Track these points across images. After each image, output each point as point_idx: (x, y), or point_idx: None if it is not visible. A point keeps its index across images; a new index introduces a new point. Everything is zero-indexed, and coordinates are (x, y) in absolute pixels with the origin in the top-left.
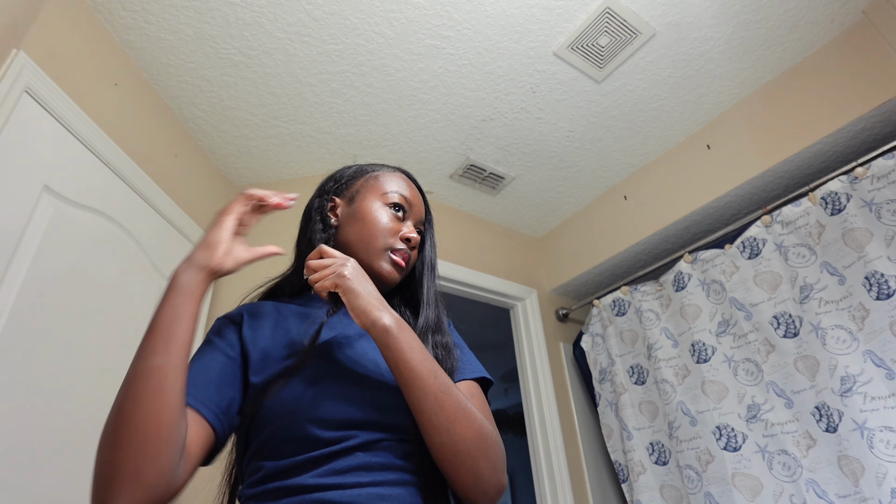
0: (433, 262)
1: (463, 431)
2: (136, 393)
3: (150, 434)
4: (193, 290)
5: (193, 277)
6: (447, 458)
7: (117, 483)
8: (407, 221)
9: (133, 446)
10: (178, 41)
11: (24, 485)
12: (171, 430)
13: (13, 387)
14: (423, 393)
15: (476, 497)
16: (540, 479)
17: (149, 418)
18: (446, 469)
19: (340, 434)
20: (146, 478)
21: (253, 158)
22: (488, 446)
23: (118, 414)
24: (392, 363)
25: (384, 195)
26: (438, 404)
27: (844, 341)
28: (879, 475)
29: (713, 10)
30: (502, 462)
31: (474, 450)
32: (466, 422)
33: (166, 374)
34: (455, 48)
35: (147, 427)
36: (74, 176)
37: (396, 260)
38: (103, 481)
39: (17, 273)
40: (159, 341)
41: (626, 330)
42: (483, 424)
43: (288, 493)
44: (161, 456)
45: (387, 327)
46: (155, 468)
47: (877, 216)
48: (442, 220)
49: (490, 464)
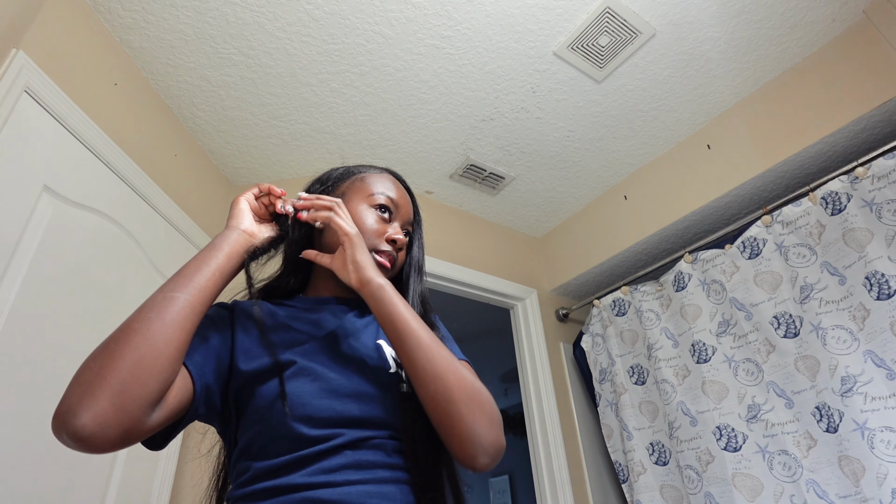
0: (420, 262)
1: (457, 381)
2: (148, 317)
3: (147, 357)
4: (224, 247)
5: (228, 236)
6: (442, 408)
7: (96, 394)
8: (393, 223)
9: (128, 363)
10: (178, 41)
11: (24, 485)
12: (167, 363)
13: (13, 387)
14: (417, 343)
15: (474, 452)
16: (540, 479)
17: (152, 341)
18: (442, 421)
19: (328, 432)
20: (126, 399)
21: (253, 158)
22: (483, 399)
23: (123, 330)
24: (386, 317)
25: (370, 196)
26: (432, 353)
27: (845, 341)
28: (880, 475)
29: (713, 9)
30: (499, 419)
31: (469, 399)
32: (460, 373)
33: (182, 309)
34: (455, 48)
35: (147, 349)
36: (74, 176)
37: (381, 261)
38: (79, 391)
39: (16, 273)
40: (182, 281)
41: (627, 330)
42: (476, 380)
43: (277, 493)
44: (149, 383)
45: (381, 285)
46: (138, 392)
47: (877, 216)
48: (442, 220)
49: (486, 417)
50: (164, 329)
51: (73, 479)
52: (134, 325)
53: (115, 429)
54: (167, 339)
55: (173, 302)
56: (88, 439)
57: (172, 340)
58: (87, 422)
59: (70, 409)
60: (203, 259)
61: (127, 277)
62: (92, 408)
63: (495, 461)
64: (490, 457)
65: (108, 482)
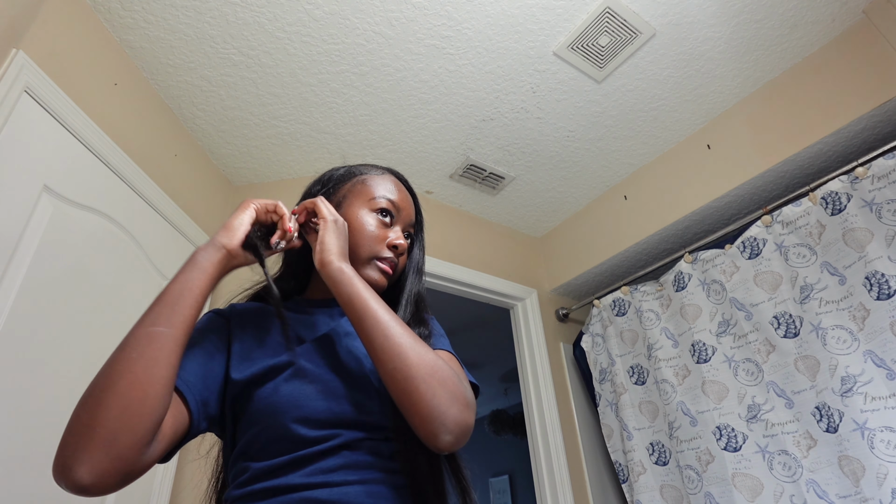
0: (420, 263)
1: (416, 357)
2: (130, 357)
3: (134, 402)
4: (208, 267)
5: (211, 255)
6: (400, 386)
7: (88, 447)
8: (395, 227)
9: (115, 411)
10: (178, 41)
11: (23, 485)
12: (156, 403)
13: (13, 387)
14: (375, 322)
15: (435, 430)
16: (540, 479)
17: (137, 385)
18: (401, 399)
19: (325, 433)
20: (119, 447)
21: (253, 158)
22: (445, 375)
23: (106, 375)
24: (346, 298)
25: (371, 201)
26: (389, 331)
27: (845, 341)
28: (880, 475)
29: (713, 10)
30: (463, 397)
31: (428, 376)
32: (420, 349)
33: (164, 344)
34: (455, 48)
35: (134, 394)
36: (74, 176)
37: (383, 268)
38: (73, 443)
39: (16, 273)
40: (164, 311)
41: (627, 330)
42: (438, 359)
43: (276, 493)
44: (139, 428)
45: (342, 268)
46: (130, 439)
47: (877, 216)
48: (442, 220)
49: (447, 392)
50: (149, 370)
51: None
52: (118, 368)
53: (113, 476)
54: (153, 380)
55: (157, 338)
56: (89, 489)
57: (159, 379)
58: (84, 475)
59: (66, 463)
60: (185, 282)
61: (127, 277)
62: (86, 461)
63: (460, 440)
64: (453, 434)
65: None
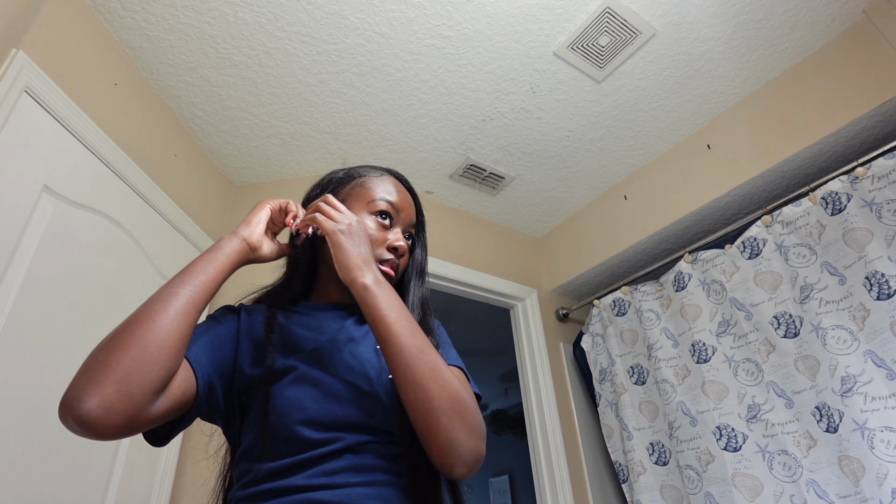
0: (423, 265)
1: (438, 390)
2: (153, 309)
3: (151, 346)
4: (230, 253)
5: (234, 244)
6: (421, 416)
7: (101, 380)
8: (394, 228)
9: (132, 350)
10: (178, 41)
11: (24, 485)
12: (171, 353)
13: (13, 387)
14: (399, 349)
15: (451, 462)
16: (540, 479)
17: (156, 332)
18: (421, 429)
19: (329, 436)
20: (130, 385)
21: (253, 158)
22: (465, 408)
23: (128, 322)
24: (370, 320)
25: (370, 203)
26: (414, 360)
27: (845, 341)
28: (880, 475)
29: (713, 10)
30: (480, 429)
31: (449, 409)
32: (443, 380)
33: (185, 303)
34: (455, 48)
35: (151, 338)
36: (74, 176)
37: (385, 270)
38: (86, 378)
39: (16, 273)
40: (187, 279)
41: (627, 330)
42: (460, 388)
43: (279, 494)
44: (153, 371)
45: (365, 285)
46: (142, 379)
47: (877, 216)
48: (442, 220)
49: (466, 427)
50: (167, 321)
51: (72, 479)
52: (139, 317)
53: (120, 414)
54: (170, 330)
55: (177, 297)
56: (93, 424)
57: (175, 331)
58: (93, 407)
59: (76, 394)
60: (207, 260)
61: (127, 277)
62: (97, 393)
63: (473, 471)
64: (468, 467)
65: (107, 482)
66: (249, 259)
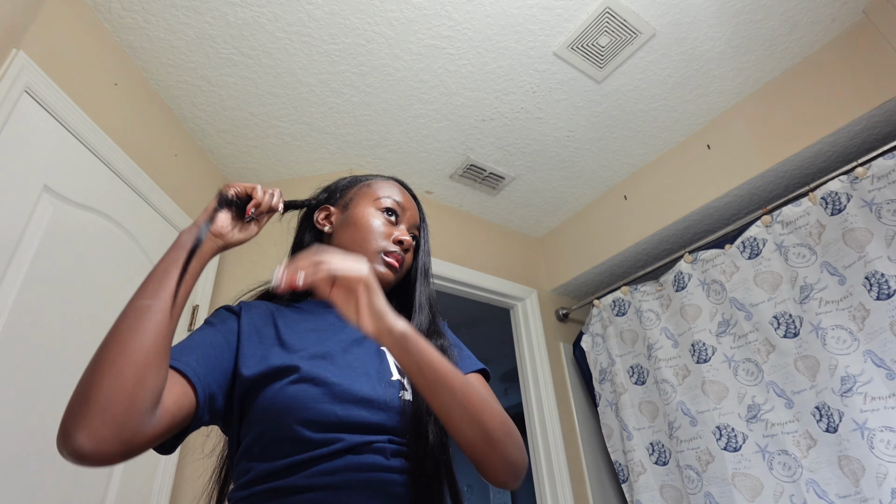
0: (427, 267)
1: (491, 421)
2: (121, 329)
3: (125, 368)
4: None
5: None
6: (481, 450)
7: (86, 413)
8: (400, 225)
9: (108, 378)
10: (178, 41)
11: (24, 485)
12: (147, 369)
13: (13, 387)
14: (451, 393)
15: (507, 479)
16: (540, 479)
17: (128, 353)
18: (479, 459)
19: (330, 436)
20: (114, 412)
21: (253, 158)
22: (512, 429)
23: (101, 349)
24: (414, 367)
25: (377, 200)
26: (467, 400)
27: (845, 341)
28: (880, 475)
29: (713, 10)
30: (522, 443)
31: (504, 436)
32: (491, 411)
33: (151, 315)
34: (455, 48)
35: (124, 362)
36: (74, 176)
37: (390, 261)
38: (73, 410)
39: (17, 273)
40: (150, 286)
41: (626, 330)
42: (504, 413)
43: (279, 495)
44: (134, 394)
45: (405, 332)
46: (125, 404)
47: (877, 216)
48: (442, 220)
49: (517, 446)
50: (139, 340)
51: (72, 480)
52: (112, 340)
53: (112, 442)
54: (145, 349)
55: (146, 311)
56: (89, 457)
57: (152, 349)
58: (84, 441)
59: (66, 431)
60: (169, 261)
61: (127, 277)
62: (84, 427)
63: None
64: (521, 479)
65: (107, 483)
66: (219, 248)
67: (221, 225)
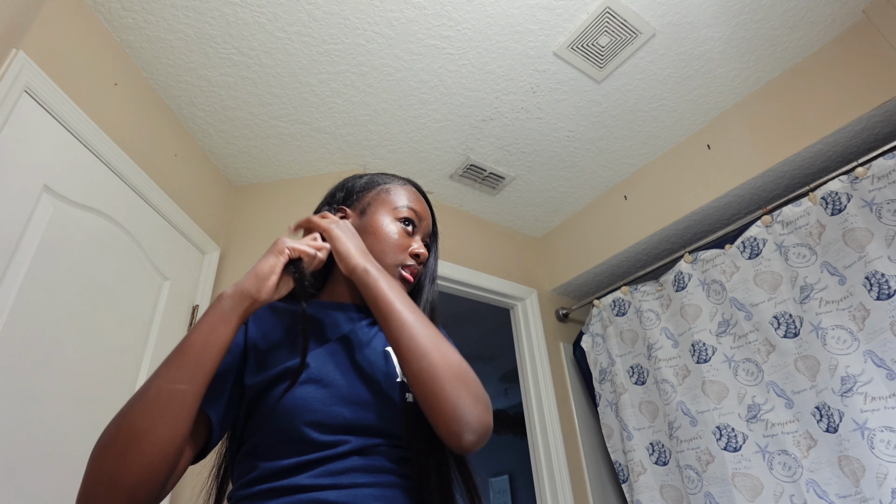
0: (434, 272)
1: (441, 359)
2: (153, 415)
3: (155, 460)
4: (233, 318)
5: (237, 304)
6: (426, 386)
7: (111, 498)
8: (416, 236)
9: (137, 468)
10: (178, 41)
11: (23, 486)
12: (176, 457)
13: (12, 387)
14: (401, 323)
15: (459, 430)
16: (540, 479)
17: (160, 444)
18: (426, 399)
19: (336, 438)
20: (140, 497)
21: (253, 158)
22: (469, 377)
23: (128, 429)
24: (373, 300)
25: (395, 209)
26: (416, 332)
27: (845, 341)
28: (880, 475)
29: (713, 10)
30: (485, 399)
31: (454, 377)
32: (445, 349)
33: (186, 402)
34: (455, 48)
35: (156, 452)
36: (74, 176)
37: (406, 276)
38: (95, 494)
39: (16, 273)
40: (187, 366)
41: (627, 330)
42: (462, 359)
43: (284, 493)
44: (159, 481)
45: (367, 269)
46: (149, 491)
47: (877, 216)
48: (442, 220)
49: (471, 395)
50: (171, 429)
51: (72, 480)
52: (141, 426)
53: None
54: (175, 438)
55: (179, 396)
56: None
57: (181, 437)
58: None
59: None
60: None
61: (127, 277)
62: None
63: (482, 440)
64: (476, 434)
65: None
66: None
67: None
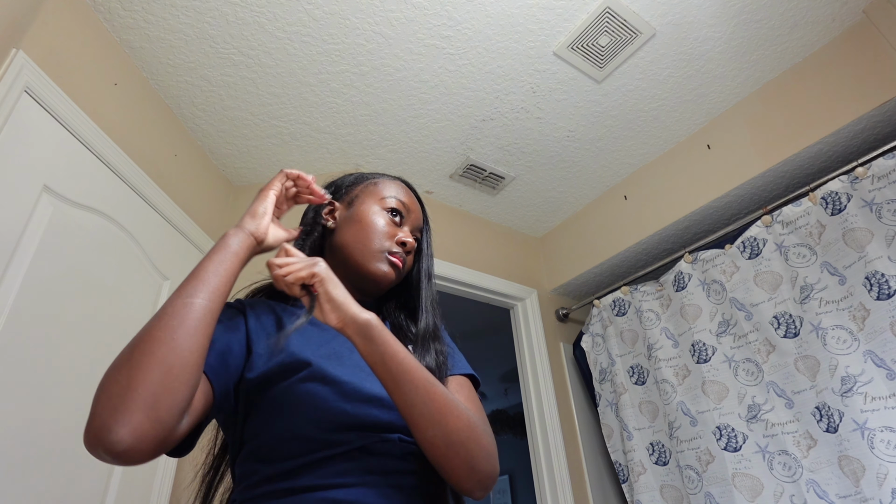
0: (430, 269)
1: (455, 422)
2: (171, 325)
3: (175, 367)
4: (238, 251)
5: (241, 240)
6: (440, 451)
7: (129, 409)
8: (404, 227)
9: (157, 374)
10: (178, 41)
11: (24, 485)
12: (193, 370)
13: (12, 387)
14: (413, 386)
15: (471, 486)
16: (540, 479)
17: (178, 352)
18: (440, 462)
19: (340, 436)
20: (159, 410)
21: (253, 158)
22: (479, 434)
23: (146, 341)
24: (377, 357)
25: (382, 200)
26: (429, 396)
27: (845, 341)
28: (880, 475)
29: (713, 9)
30: (494, 450)
31: (467, 439)
32: (457, 412)
33: (203, 315)
34: (455, 48)
35: (175, 359)
36: (74, 176)
37: (393, 261)
38: (111, 405)
39: (16, 273)
40: (200, 285)
41: (627, 330)
42: (471, 415)
43: (290, 493)
44: (179, 392)
45: (369, 321)
46: (170, 402)
47: (877, 216)
48: (442, 220)
49: (483, 452)
50: (188, 337)
51: (72, 479)
52: (158, 335)
53: (151, 441)
54: (192, 347)
55: (193, 308)
56: (126, 453)
57: (196, 348)
58: (124, 436)
59: (104, 424)
60: (216, 261)
61: (127, 277)
62: (127, 422)
63: (490, 489)
64: (486, 489)
65: (107, 482)
66: (256, 252)
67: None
